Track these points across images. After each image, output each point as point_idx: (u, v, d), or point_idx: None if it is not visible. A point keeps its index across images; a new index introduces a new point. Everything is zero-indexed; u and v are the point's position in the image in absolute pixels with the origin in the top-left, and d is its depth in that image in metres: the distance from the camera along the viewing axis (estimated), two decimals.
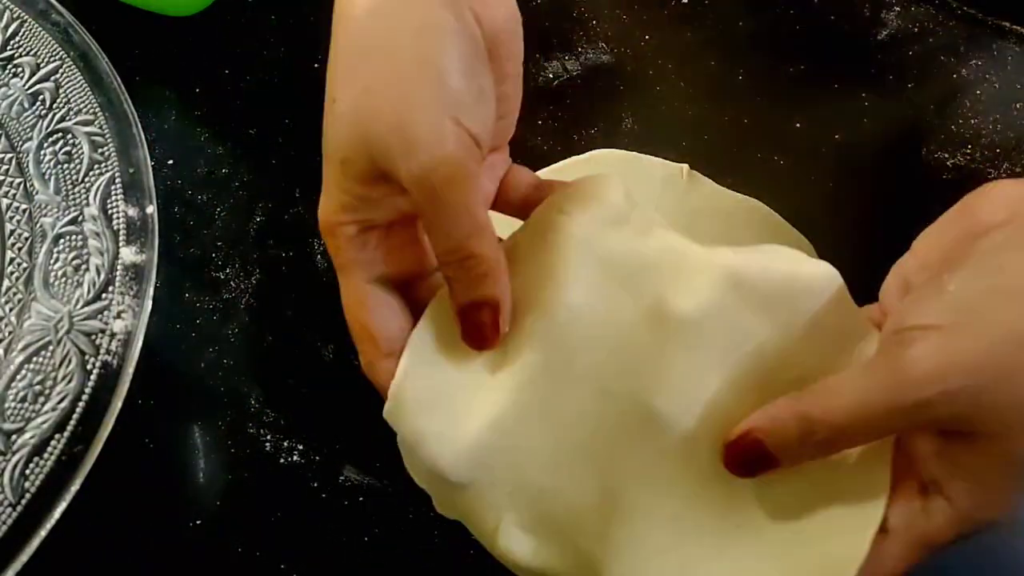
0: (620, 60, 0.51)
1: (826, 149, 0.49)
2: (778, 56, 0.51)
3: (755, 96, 0.50)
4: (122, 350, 0.38)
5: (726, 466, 0.31)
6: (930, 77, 0.50)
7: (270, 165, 0.49)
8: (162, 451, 0.43)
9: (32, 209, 0.41)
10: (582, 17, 0.53)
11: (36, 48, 0.45)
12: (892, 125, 0.49)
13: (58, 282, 0.39)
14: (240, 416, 0.43)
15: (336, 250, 0.33)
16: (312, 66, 0.52)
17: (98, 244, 0.40)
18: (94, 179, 0.42)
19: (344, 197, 0.32)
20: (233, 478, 0.42)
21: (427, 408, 0.32)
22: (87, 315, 0.39)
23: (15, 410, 0.37)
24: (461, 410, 0.33)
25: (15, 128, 0.43)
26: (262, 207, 0.48)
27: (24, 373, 0.38)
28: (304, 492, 0.42)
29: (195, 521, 0.41)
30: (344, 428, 0.43)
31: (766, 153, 0.49)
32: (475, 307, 0.32)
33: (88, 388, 0.37)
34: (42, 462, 0.36)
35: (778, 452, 0.30)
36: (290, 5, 0.54)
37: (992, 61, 0.50)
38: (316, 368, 0.45)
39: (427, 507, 0.42)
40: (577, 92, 0.51)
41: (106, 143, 0.42)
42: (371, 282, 0.33)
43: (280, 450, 0.43)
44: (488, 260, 0.31)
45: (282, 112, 0.51)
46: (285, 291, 0.46)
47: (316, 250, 0.47)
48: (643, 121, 0.50)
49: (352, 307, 0.33)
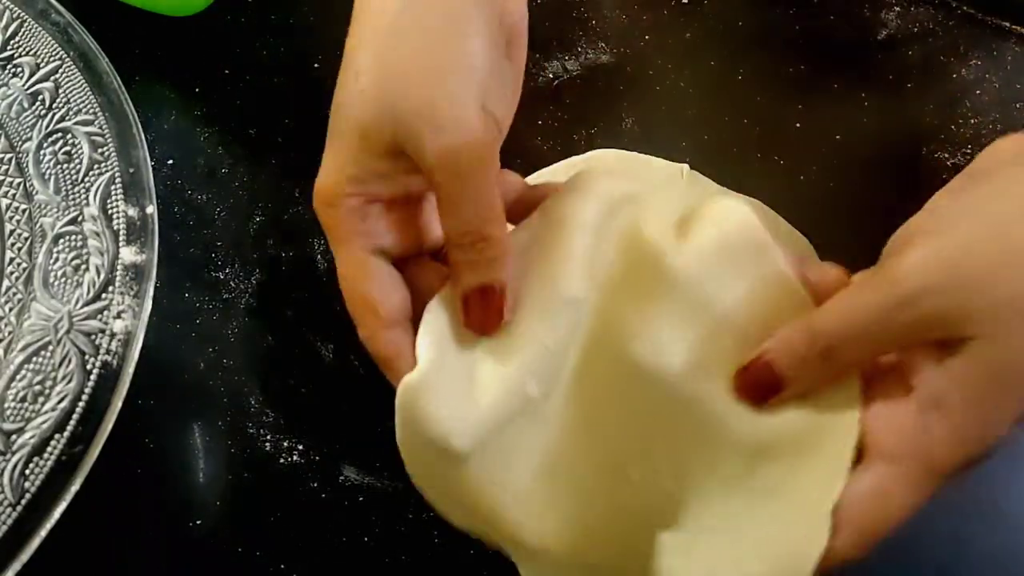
0: (620, 60, 0.51)
1: (826, 149, 0.49)
2: (778, 56, 0.51)
3: (755, 96, 0.50)
4: (122, 350, 0.38)
5: (738, 393, 0.32)
6: (930, 77, 0.50)
7: (270, 165, 0.49)
8: (162, 451, 0.43)
9: (32, 209, 0.41)
10: (582, 17, 0.53)
11: (36, 48, 0.45)
12: (892, 125, 0.49)
13: (58, 282, 0.39)
14: (240, 416, 0.43)
15: (335, 221, 0.33)
16: (312, 66, 0.52)
17: (98, 244, 0.40)
18: (94, 179, 0.42)
19: (354, 169, 0.32)
20: (233, 478, 0.42)
21: (439, 384, 0.33)
22: (87, 315, 0.39)
23: (15, 410, 0.37)
24: (471, 386, 0.33)
25: (15, 128, 0.43)
26: (262, 207, 0.48)
27: (24, 373, 0.38)
28: (304, 492, 0.42)
29: (195, 521, 0.41)
30: (344, 428, 0.43)
31: (766, 153, 0.49)
32: (482, 291, 0.32)
33: (88, 388, 0.37)
34: (42, 462, 0.36)
35: (786, 371, 0.31)
36: (290, 5, 0.54)
37: (992, 61, 0.50)
38: (316, 368, 0.45)
39: (427, 507, 0.42)
40: (577, 92, 0.51)
41: (106, 143, 0.42)
42: (370, 253, 0.33)
43: (280, 450, 0.43)
44: (500, 244, 0.32)
45: (282, 112, 0.51)
46: (285, 291, 0.46)
47: (316, 250, 0.47)
48: (643, 121, 0.50)
49: (351, 278, 0.33)
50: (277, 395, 0.44)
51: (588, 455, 0.35)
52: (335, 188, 0.33)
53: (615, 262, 0.34)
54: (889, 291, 0.29)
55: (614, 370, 0.34)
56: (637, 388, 0.34)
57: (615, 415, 0.34)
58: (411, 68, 0.31)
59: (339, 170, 0.32)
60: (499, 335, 0.34)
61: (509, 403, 0.33)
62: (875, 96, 0.50)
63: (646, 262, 0.34)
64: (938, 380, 0.29)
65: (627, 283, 0.34)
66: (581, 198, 0.34)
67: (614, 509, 0.35)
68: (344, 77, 0.33)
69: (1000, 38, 0.51)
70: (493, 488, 0.34)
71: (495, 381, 0.33)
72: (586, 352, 0.34)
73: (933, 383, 0.29)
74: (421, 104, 0.31)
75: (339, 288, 0.47)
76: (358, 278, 0.33)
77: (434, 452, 0.33)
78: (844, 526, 0.30)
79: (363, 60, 0.32)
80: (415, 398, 0.33)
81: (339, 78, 0.33)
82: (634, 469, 0.35)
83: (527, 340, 0.33)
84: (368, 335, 0.33)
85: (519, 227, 0.36)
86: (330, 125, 0.33)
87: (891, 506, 0.30)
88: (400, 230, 0.34)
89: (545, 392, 0.34)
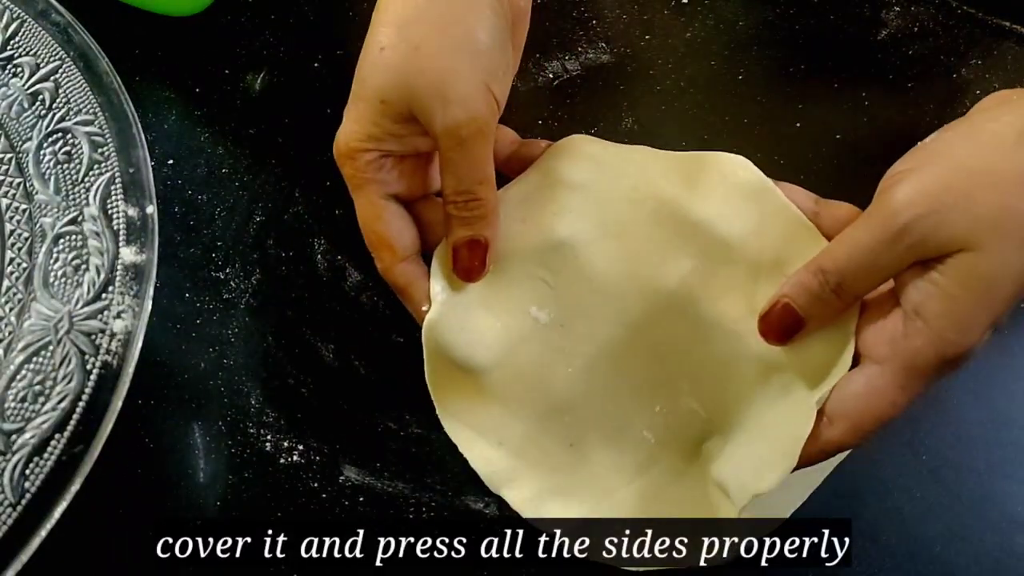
0: (620, 60, 0.51)
1: (826, 149, 0.49)
2: (778, 56, 0.51)
3: (755, 96, 0.50)
4: (122, 350, 0.38)
5: (763, 336, 0.38)
6: (930, 77, 0.50)
7: (270, 165, 0.49)
8: (162, 451, 0.43)
9: (32, 209, 0.41)
10: (582, 17, 0.53)
11: (36, 48, 0.45)
12: (892, 125, 0.49)
13: (58, 282, 0.39)
14: (240, 416, 0.43)
15: (354, 171, 0.38)
16: (312, 66, 0.52)
17: (98, 244, 0.40)
18: (94, 179, 0.42)
19: (373, 129, 0.37)
20: (233, 478, 0.42)
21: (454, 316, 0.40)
22: (87, 315, 0.39)
23: (15, 410, 0.37)
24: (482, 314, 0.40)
25: (15, 128, 0.43)
26: (262, 207, 0.48)
27: (24, 373, 0.38)
28: (304, 492, 0.42)
29: (195, 521, 0.41)
30: (344, 428, 0.43)
31: (766, 153, 0.49)
32: (470, 244, 0.39)
33: (88, 388, 0.37)
34: (42, 462, 0.36)
35: (805, 310, 0.36)
36: (290, 5, 0.54)
37: (992, 61, 0.51)
38: (316, 368, 0.45)
39: (427, 507, 0.42)
40: (577, 92, 0.51)
41: (106, 143, 0.42)
42: (385, 198, 0.39)
43: (280, 450, 0.43)
44: (488, 204, 0.38)
45: (282, 112, 0.51)
46: (285, 291, 0.46)
47: (316, 250, 0.47)
48: (643, 121, 0.50)
49: (369, 220, 0.39)
50: (277, 395, 0.44)
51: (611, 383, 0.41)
52: (356, 144, 0.38)
53: (624, 211, 0.40)
54: (885, 226, 0.34)
55: (635, 304, 0.40)
56: (658, 318, 0.40)
57: (638, 345, 0.41)
58: (428, 46, 0.36)
59: (360, 129, 0.38)
60: (500, 276, 0.40)
61: (517, 326, 0.40)
62: (875, 96, 0.50)
63: (659, 208, 0.40)
64: (920, 292, 0.34)
65: (640, 228, 0.40)
66: (571, 158, 0.41)
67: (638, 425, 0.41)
68: (369, 49, 0.37)
69: (1000, 38, 0.51)
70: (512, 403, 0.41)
71: (501, 310, 0.40)
72: (603, 291, 0.40)
73: (915, 295, 0.34)
74: (434, 80, 0.36)
75: (339, 288, 0.47)
76: (375, 220, 0.39)
77: (460, 376, 0.40)
78: (839, 419, 0.35)
79: (387, 36, 0.37)
80: (439, 332, 0.40)
81: (363, 50, 0.37)
82: (659, 391, 0.41)
83: (525, 276, 0.40)
84: (385, 267, 0.39)
85: (516, 181, 0.42)
86: (353, 90, 0.38)
87: (881, 402, 0.34)
88: (409, 179, 0.40)
89: (558, 322, 0.41)
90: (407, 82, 0.36)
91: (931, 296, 0.33)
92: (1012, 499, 0.42)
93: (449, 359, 0.40)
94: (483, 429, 0.41)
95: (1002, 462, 0.42)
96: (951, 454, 0.42)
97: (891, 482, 0.42)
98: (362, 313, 0.46)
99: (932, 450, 0.42)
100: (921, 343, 0.34)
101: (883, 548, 0.41)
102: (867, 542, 0.41)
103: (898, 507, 0.41)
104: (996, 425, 0.38)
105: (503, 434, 0.41)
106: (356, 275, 0.47)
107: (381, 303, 0.46)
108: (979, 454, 0.42)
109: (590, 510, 0.40)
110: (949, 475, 0.42)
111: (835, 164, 0.48)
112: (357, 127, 0.38)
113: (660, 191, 0.40)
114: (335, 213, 0.48)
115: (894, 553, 0.41)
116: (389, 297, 0.46)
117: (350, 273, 0.47)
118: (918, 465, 0.42)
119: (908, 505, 0.41)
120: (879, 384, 0.34)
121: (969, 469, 0.42)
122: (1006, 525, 0.41)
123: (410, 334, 0.45)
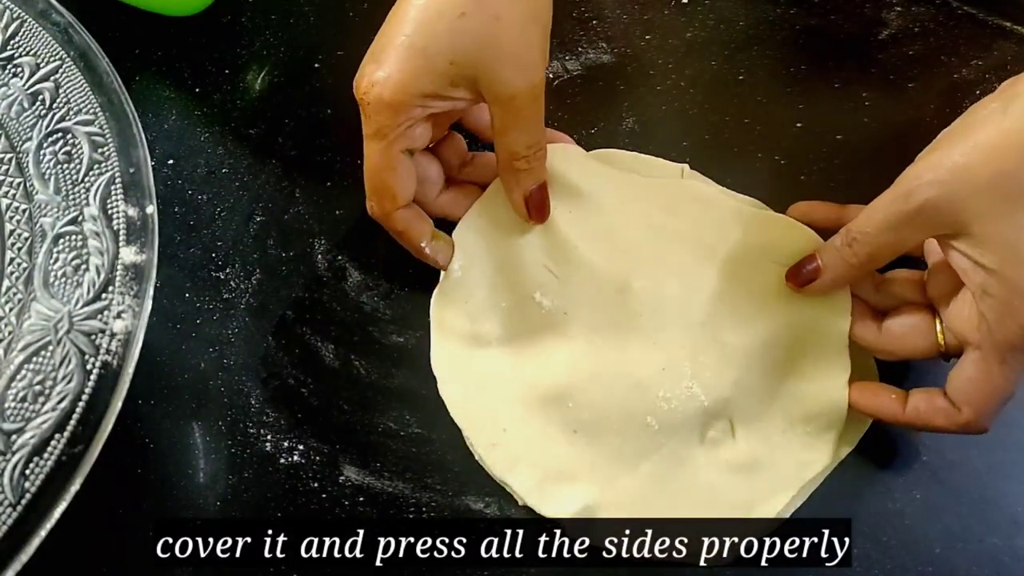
0: (620, 60, 0.51)
1: (826, 149, 0.49)
2: (778, 56, 0.51)
3: (755, 96, 0.50)
4: (122, 350, 0.38)
5: (786, 279, 0.42)
6: (930, 77, 0.50)
7: (270, 165, 0.49)
8: (162, 451, 0.43)
9: (32, 209, 0.41)
10: (582, 17, 0.53)
11: (36, 48, 0.45)
12: (892, 125, 0.49)
13: (58, 282, 0.39)
14: (240, 416, 0.43)
15: (389, 121, 0.40)
16: (312, 66, 0.52)
17: (98, 244, 0.40)
18: (94, 179, 0.42)
19: (429, 87, 0.39)
20: (233, 478, 0.42)
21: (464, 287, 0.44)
22: (87, 315, 0.39)
23: (15, 410, 0.37)
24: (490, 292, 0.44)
25: (15, 128, 0.43)
26: (262, 207, 0.48)
27: (24, 373, 0.38)
28: (304, 492, 0.42)
29: (195, 521, 0.41)
30: (344, 428, 0.43)
31: (766, 153, 0.49)
32: (540, 188, 0.43)
33: (88, 388, 0.37)
34: (42, 462, 0.36)
35: (822, 258, 0.41)
36: (290, 5, 0.54)
37: (992, 61, 0.51)
38: (316, 368, 0.45)
39: (427, 507, 0.42)
40: (577, 92, 0.51)
41: (106, 143, 0.42)
42: (403, 152, 0.41)
43: (280, 450, 0.43)
44: (546, 150, 0.43)
45: (282, 112, 0.51)
46: (285, 291, 0.46)
47: (316, 250, 0.47)
48: (643, 121, 0.50)
49: (379, 169, 0.41)
50: (277, 395, 0.44)
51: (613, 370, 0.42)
52: (404, 97, 0.39)
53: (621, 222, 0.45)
54: (896, 191, 0.38)
55: (636, 296, 0.43)
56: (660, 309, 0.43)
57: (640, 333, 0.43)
58: (509, 16, 0.39)
59: (412, 82, 0.39)
60: (508, 261, 0.44)
61: (522, 307, 0.44)
62: (875, 95, 0.50)
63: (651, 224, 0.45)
64: (977, 274, 0.36)
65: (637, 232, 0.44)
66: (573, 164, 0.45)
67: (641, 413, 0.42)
68: (444, 13, 0.38)
69: (1000, 38, 0.51)
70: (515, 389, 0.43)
71: (508, 291, 0.44)
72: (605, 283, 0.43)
73: (976, 277, 0.37)
74: (514, 50, 0.39)
75: (339, 288, 0.47)
76: (386, 170, 0.41)
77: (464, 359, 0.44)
78: (963, 405, 0.38)
79: (466, 3, 0.38)
80: (448, 301, 0.44)
81: (437, 6, 0.39)
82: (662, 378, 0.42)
83: (531, 264, 0.44)
84: (385, 213, 0.42)
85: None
86: (409, 40, 0.39)
87: (991, 381, 0.37)
88: (426, 137, 0.42)
89: (561, 309, 0.43)
90: (480, 47, 0.39)
91: (981, 274, 0.36)
92: (1012, 500, 0.42)
93: (454, 330, 0.44)
94: (487, 416, 0.42)
95: (1002, 462, 0.42)
96: (951, 454, 0.42)
97: (891, 482, 0.42)
98: (362, 313, 0.46)
99: (932, 450, 0.42)
100: (995, 318, 0.36)
101: (883, 548, 0.41)
102: (867, 542, 0.41)
103: (898, 507, 0.41)
104: (996, 426, 0.38)
105: (507, 420, 0.42)
106: (356, 275, 0.47)
107: (381, 303, 0.46)
108: (979, 454, 0.42)
109: (595, 497, 0.41)
110: (949, 475, 0.42)
111: (835, 164, 0.48)
112: (410, 80, 0.39)
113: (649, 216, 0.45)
114: (335, 213, 0.48)
115: (894, 553, 0.41)
116: (389, 297, 0.46)
117: (350, 273, 0.47)
118: (918, 465, 0.42)
119: (908, 505, 0.41)
120: (983, 366, 0.37)
121: (969, 469, 0.42)
122: (1006, 526, 0.41)
123: (410, 334, 0.45)
